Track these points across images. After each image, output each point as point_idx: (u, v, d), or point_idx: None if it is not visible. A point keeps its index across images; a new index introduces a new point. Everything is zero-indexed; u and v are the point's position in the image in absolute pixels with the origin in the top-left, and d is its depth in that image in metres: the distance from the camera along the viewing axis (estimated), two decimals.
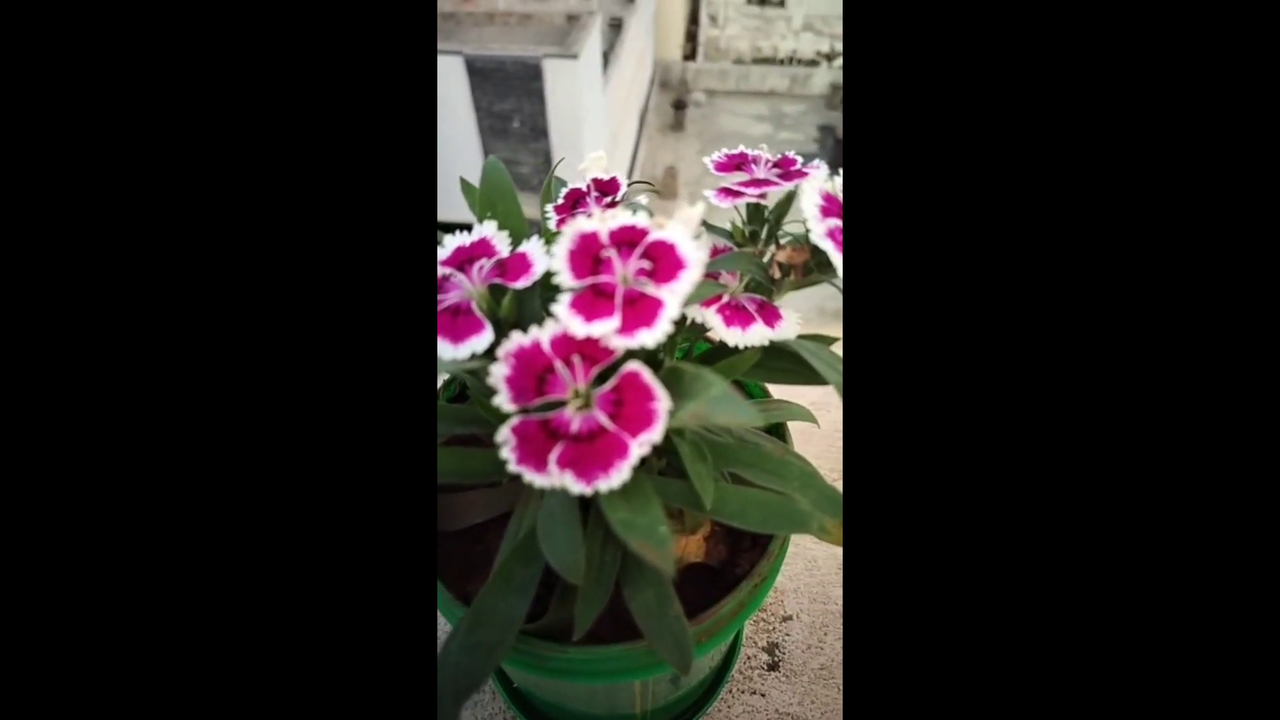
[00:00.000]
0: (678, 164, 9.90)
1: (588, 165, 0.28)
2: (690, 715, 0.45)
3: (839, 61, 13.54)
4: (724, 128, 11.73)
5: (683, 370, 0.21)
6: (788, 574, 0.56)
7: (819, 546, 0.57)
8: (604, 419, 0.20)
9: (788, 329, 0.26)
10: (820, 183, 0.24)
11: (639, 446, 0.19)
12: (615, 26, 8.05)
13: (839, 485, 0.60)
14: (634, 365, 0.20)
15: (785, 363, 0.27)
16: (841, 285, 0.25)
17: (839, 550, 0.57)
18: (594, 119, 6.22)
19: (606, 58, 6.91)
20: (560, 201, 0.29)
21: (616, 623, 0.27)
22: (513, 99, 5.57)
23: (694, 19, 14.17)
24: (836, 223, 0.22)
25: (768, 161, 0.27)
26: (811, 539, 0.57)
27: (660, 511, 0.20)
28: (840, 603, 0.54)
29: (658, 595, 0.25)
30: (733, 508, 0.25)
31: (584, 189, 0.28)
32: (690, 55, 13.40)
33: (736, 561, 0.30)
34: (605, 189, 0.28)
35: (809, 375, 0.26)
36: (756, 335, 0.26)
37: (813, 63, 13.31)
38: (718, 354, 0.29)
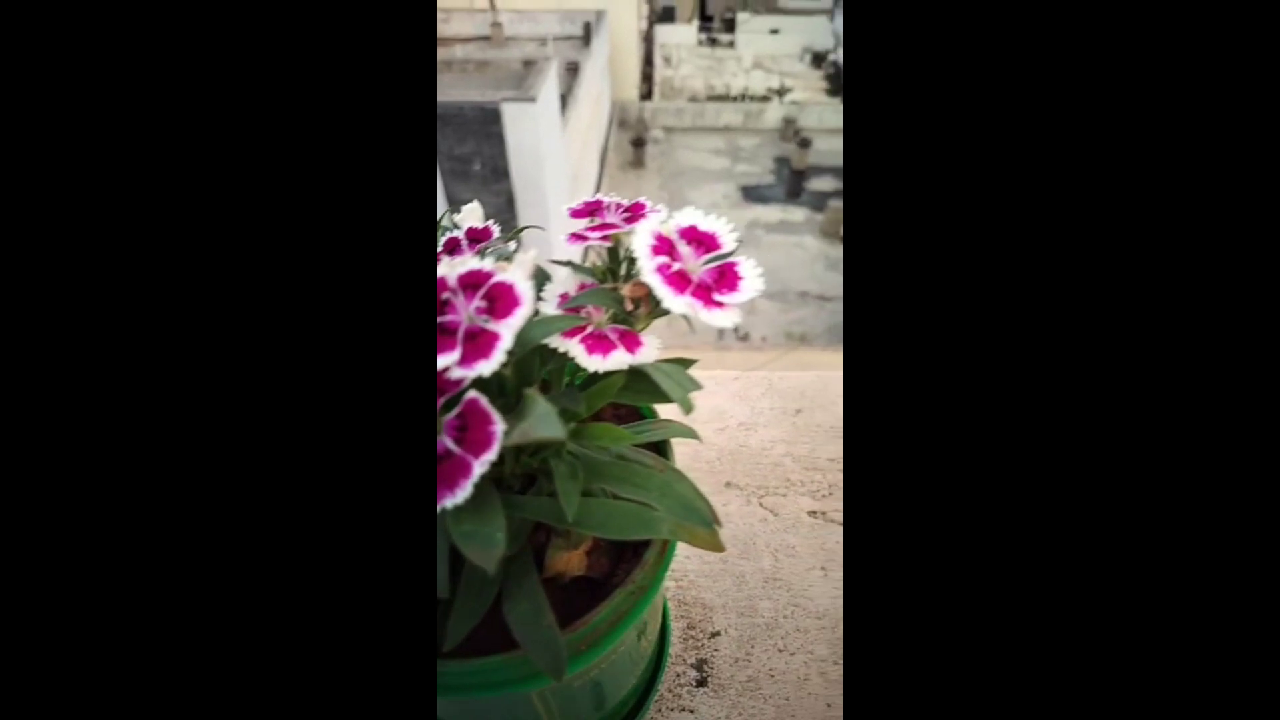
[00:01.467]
0: (639, 199, 10.11)
1: (464, 215, 0.31)
2: None
3: (790, 97, 14.13)
4: (683, 162, 12.07)
5: (526, 395, 0.24)
6: (716, 590, 0.58)
7: (747, 562, 0.60)
8: (450, 443, 0.22)
9: (647, 354, 0.29)
10: (654, 225, 0.27)
11: (480, 465, 0.22)
12: (572, 70, 8.30)
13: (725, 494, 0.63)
14: (473, 394, 0.22)
15: (646, 384, 0.30)
16: (689, 317, 0.28)
17: (767, 564, 0.59)
18: (554, 159, 6.34)
19: (564, 100, 7.10)
20: (440, 249, 0.31)
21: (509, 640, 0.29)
22: (472, 142, 5.66)
23: (649, 61, 14.71)
24: (665, 259, 0.25)
25: (618, 206, 0.31)
26: (739, 554, 0.60)
27: (502, 523, 0.22)
28: (766, 615, 0.56)
29: (532, 606, 0.27)
30: (596, 519, 0.27)
31: (458, 238, 0.31)
32: (647, 95, 13.84)
33: (616, 573, 0.32)
34: (478, 236, 0.31)
35: (664, 395, 0.29)
36: (616, 361, 0.29)
37: (764, 98, 13.88)
38: (592, 380, 0.32)
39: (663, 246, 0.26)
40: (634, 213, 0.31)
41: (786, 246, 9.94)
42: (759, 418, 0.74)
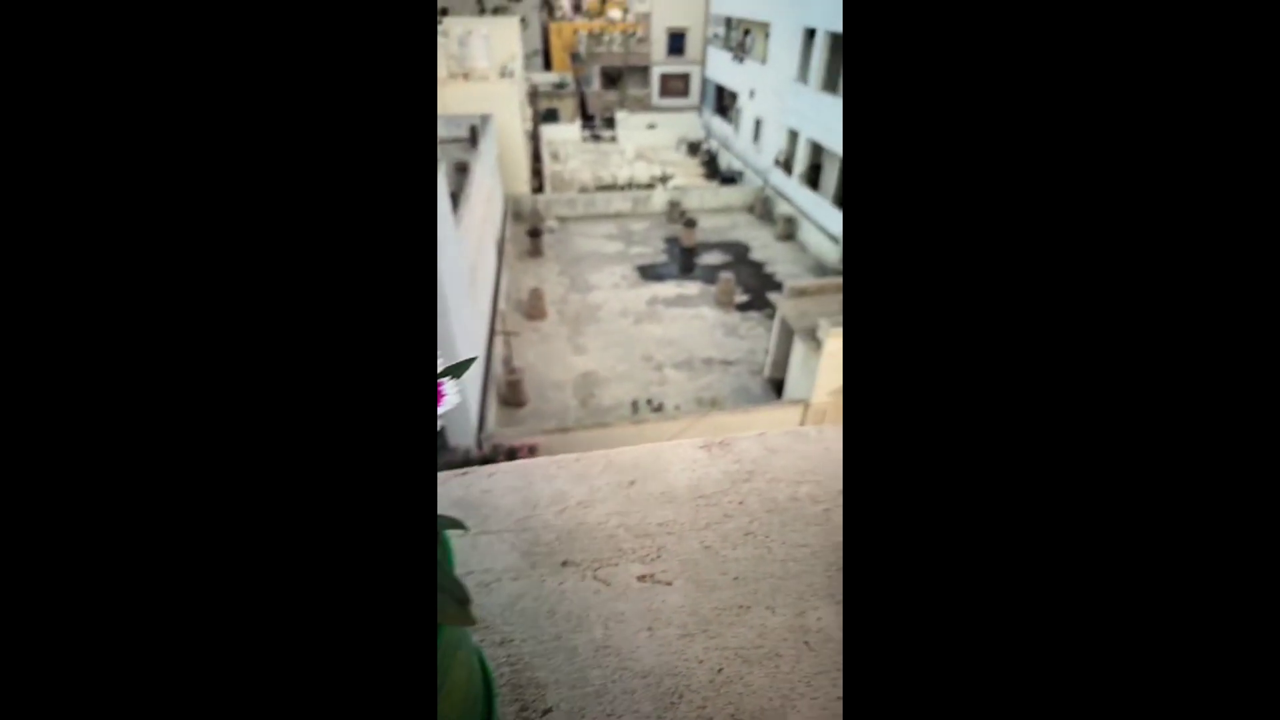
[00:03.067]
0: (541, 285, 10.35)
1: None
2: None
3: (672, 182, 15.33)
4: (580, 249, 12.58)
5: None
6: (550, 667, 0.60)
7: (579, 634, 0.63)
8: None
9: (449, 402, 0.35)
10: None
11: None
12: (462, 170, 8.59)
13: None
14: None
15: None
16: None
17: (598, 634, 0.63)
18: (450, 255, 6.41)
19: (456, 198, 7.29)
20: None
21: None
22: None
23: (537, 157, 15.52)
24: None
25: None
26: (572, 629, 0.63)
27: None
28: (596, 683, 0.59)
29: None
30: None
31: None
32: (538, 188, 14.48)
33: None
34: None
35: None
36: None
37: (649, 186, 14.93)
38: None
39: None
40: None
41: (686, 318, 10.44)
42: (596, 494, 0.79)
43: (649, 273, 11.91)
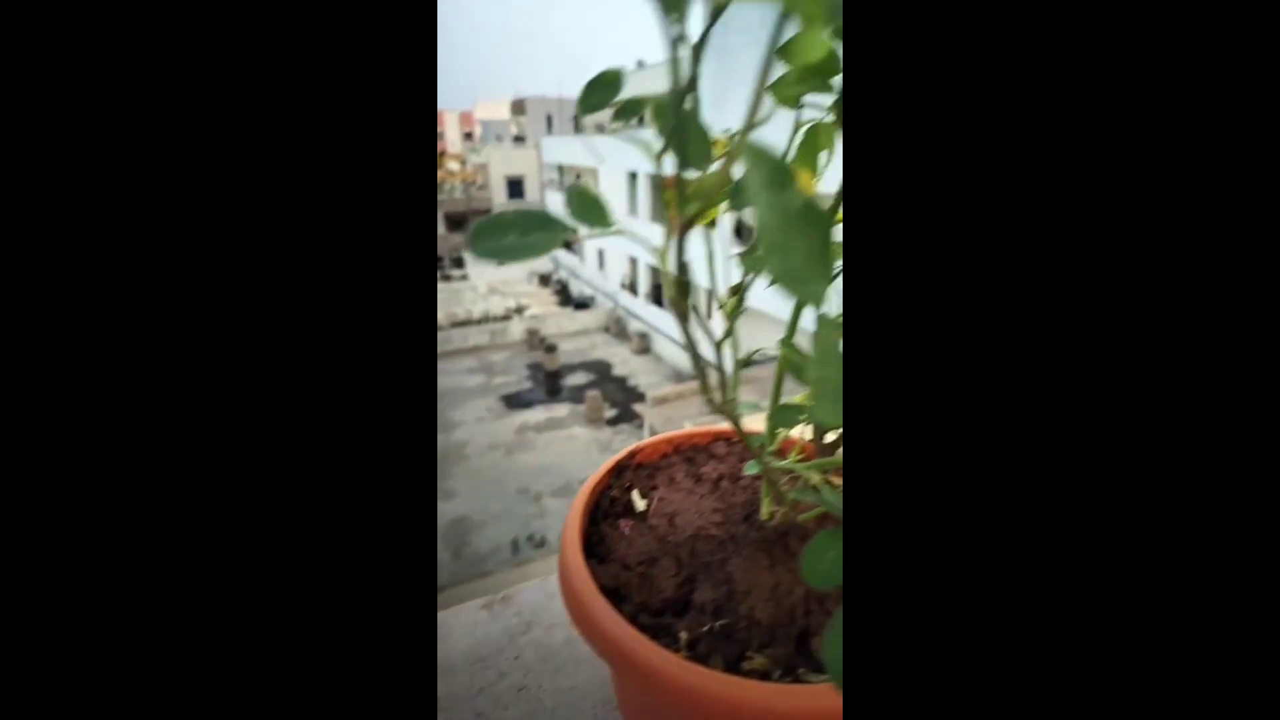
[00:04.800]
0: None
1: None
2: None
3: (528, 312, 15.75)
4: (441, 386, 12.17)
5: None
6: None
7: None
8: None
9: None
10: None
11: None
12: None
13: None
14: None
15: None
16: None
17: None
18: None
19: None
20: None
21: None
22: None
23: None
24: None
25: None
26: None
27: None
28: None
29: None
30: None
31: None
32: None
33: None
34: None
35: None
36: None
37: (505, 317, 15.21)
38: None
39: None
40: None
41: (559, 441, 10.29)
42: None
43: (515, 401, 11.76)
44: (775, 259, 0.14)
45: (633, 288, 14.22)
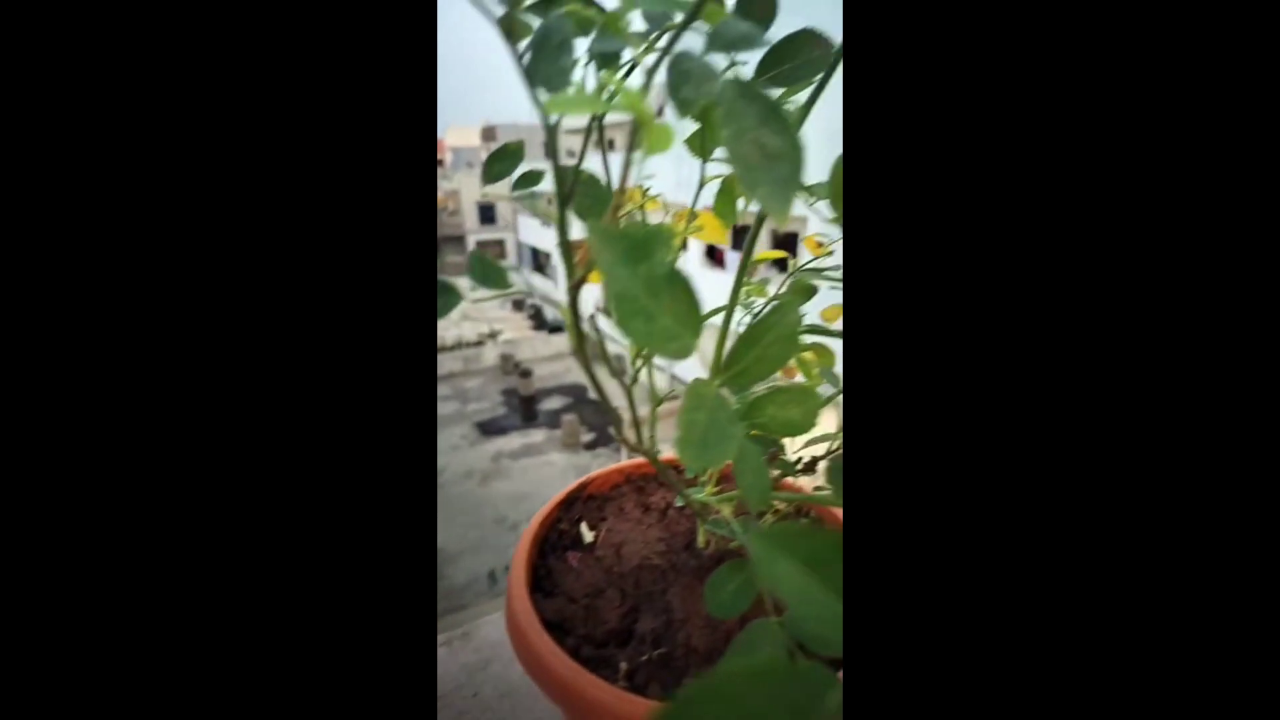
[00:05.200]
0: None
1: None
2: None
3: (502, 337, 15.67)
4: None
5: None
6: None
7: None
8: None
9: None
10: None
11: None
12: None
13: None
14: None
15: None
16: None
17: None
18: None
19: None
20: None
21: None
22: None
23: None
24: None
25: None
26: None
27: None
28: None
29: None
30: None
31: None
32: None
33: None
34: None
35: None
36: None
37: (479, 343, 15.09)
38: None
39: None
40: None
41: (536, 467, 10.17)
42: None
43: (490, 428, 11.61)
44: (638, 323, 0.15)
45: (606, 310, 14.23)
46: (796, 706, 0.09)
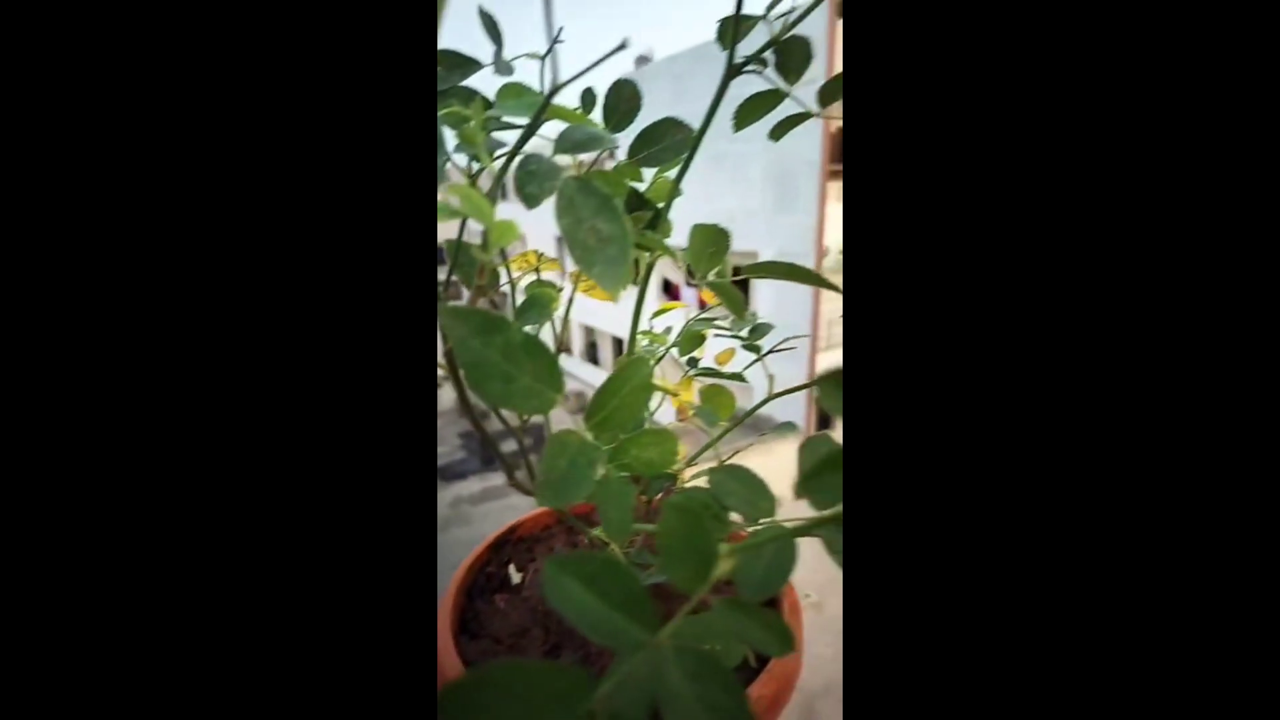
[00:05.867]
0: None
1: None
2: None
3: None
4: None
5: None
6: None
7: None
8: None
9: None
10: None
11: None
12: None
13: None
14: None
15: None
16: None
17: None
18: None
19: None
20: None
21: None
22: None
23: None
24: None
25: None
26: None
27: None
28: None
29: None
30: None
31: None
32: None
33: None
34: None
35: None
36: None
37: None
38: None
39: None
40: None
41: (497, 512, 9.88)
42: None
43: (448, 473, 11.26)
44: (494, 385, 0.18)
45: (566, 348, 14.19)
46: (559, 694, 0.12)
